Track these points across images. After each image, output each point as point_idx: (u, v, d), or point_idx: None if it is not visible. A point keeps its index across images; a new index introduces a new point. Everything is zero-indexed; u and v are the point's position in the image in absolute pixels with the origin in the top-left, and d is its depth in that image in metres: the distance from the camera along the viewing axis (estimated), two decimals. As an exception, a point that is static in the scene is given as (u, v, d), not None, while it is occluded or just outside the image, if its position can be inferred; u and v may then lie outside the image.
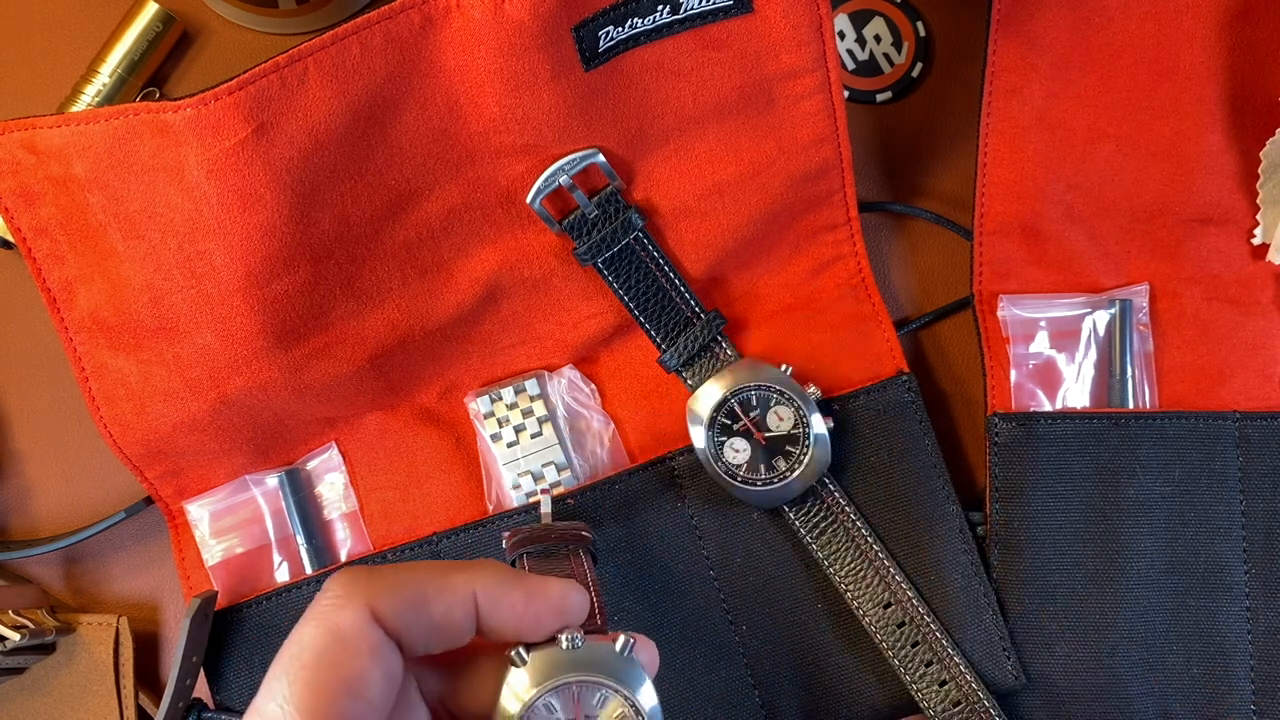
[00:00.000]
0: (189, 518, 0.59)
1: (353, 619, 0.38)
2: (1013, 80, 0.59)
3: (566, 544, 0.48)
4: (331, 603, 0.38)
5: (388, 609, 0.38)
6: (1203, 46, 0.58)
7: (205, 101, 0.49)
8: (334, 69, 0.50)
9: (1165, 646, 0.56)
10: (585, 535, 0.49)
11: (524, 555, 0.48)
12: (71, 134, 0.52)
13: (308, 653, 0.37)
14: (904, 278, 0.63)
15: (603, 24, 0.52)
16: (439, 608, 0.39)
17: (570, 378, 0.60)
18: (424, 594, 0.39)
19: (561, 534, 0.49)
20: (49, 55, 0.64)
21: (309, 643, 0.38)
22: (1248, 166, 0.59)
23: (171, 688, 0.53)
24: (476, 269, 0.56)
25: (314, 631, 0.38)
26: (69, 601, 0.62)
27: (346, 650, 0.37)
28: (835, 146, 0.57)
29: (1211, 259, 0.60)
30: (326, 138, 0.51)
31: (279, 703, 0.37)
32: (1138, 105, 0.59)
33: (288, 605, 0.57)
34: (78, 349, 0.56)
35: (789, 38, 0.54)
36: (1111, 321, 0.59)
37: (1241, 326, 0.59)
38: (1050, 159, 0.59)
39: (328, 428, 0.59)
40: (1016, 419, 0.58)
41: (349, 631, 0.38)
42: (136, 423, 0.56)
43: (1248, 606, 0.57)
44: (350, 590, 0.38)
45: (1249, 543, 0.57)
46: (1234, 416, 0.58)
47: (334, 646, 0.37)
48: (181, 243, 0.52)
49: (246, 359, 0.54)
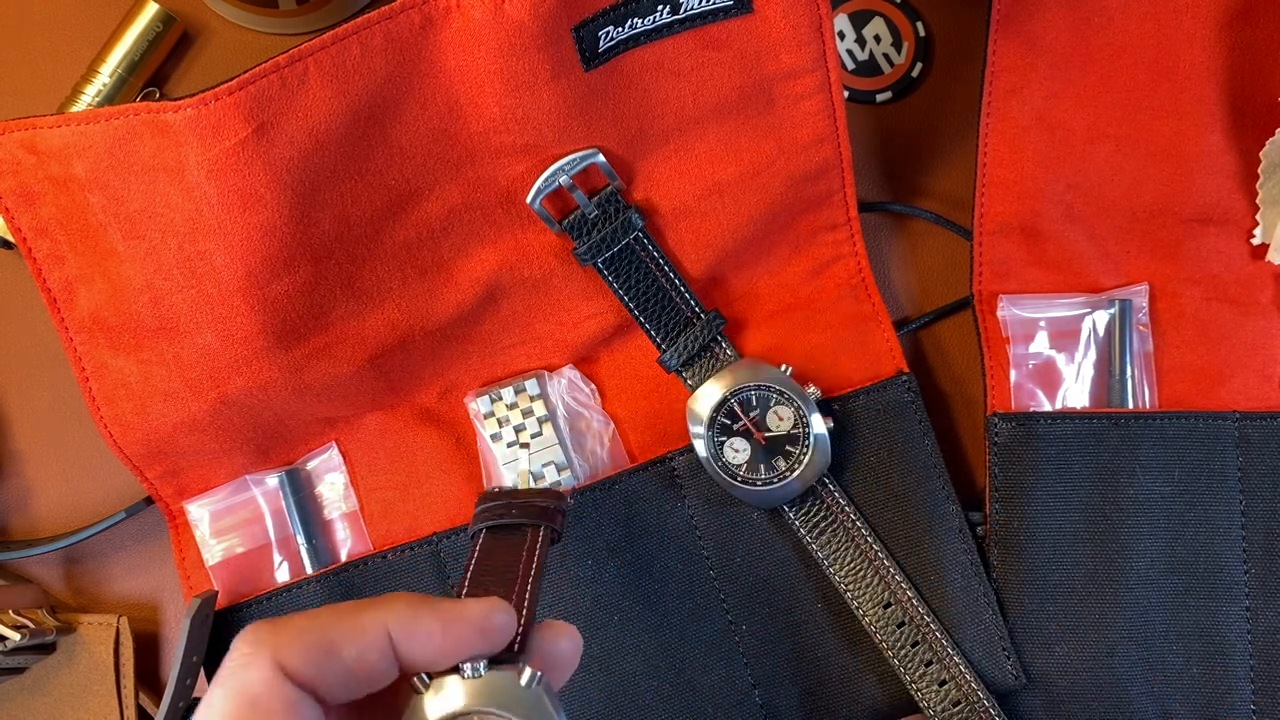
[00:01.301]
0: (189, 518, 0.59)
1: (261, 677, 0.36)
2: (1012, 80, 0.59)
3: (527, 518, 0.46)
4: (238, 662, 0.36)
5: (297, 662, 0.36)
6: (1202, 46, 0.58)
7: (205, 101, 0.49)
8: (334, 69, 0.50)
9: (1165, 646, 0.56)
10: (549, 508, 0.46)
11: (483, 530, 0.47)
12: (72, 134, 0.52)
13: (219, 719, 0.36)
14: (904, 278, 0.63)
15: (603, 24, 0.52)
16: (350, 651, 0.37)
17: (570, 378, 0.60)
18: (331, 640, 0.37)
19: (523, 506, 0.46)
20: (49, 55, 0.64)
21: (219, 708, 0.36)
22: (1247, 166, 0.58)
23: (172, 688, 0.53)
24: (476, 269, 0.56)
25: (223, 695, 0.36)
26: (69, 601, 0.62)
27: (258, 712, 0.35)
28: (835, 146, 0.57)
29: (1211, 259, 0.60)
30: (327, 138, 0.51)
31: None
32: (1137, 105, 0.59)
33: (288, 605, 0.57)
34: (78, 349, 0.56)
35: (789, 38, 0.54)
36: (1111, 321, 0.59)
37: (1241, 327, 0.59)
38: (1050, 159, 0.59)
39: (328, 428, 0.59)
40: (1016, 419, 0.58)
41: (258, 692, 0.35)
42: (137, 423, 0.56)
43: (1248, 606, 0.57)
44: (255, 646, 0.36)
45: (1249, 543, 0.57)
46: (1234, 416, 0.58)
47: (245, 710, 0.35)
48: (182, 243, 0.52)
49: (247, 359, 0.54)
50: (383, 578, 0.57)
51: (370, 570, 0.57)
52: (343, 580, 0.57)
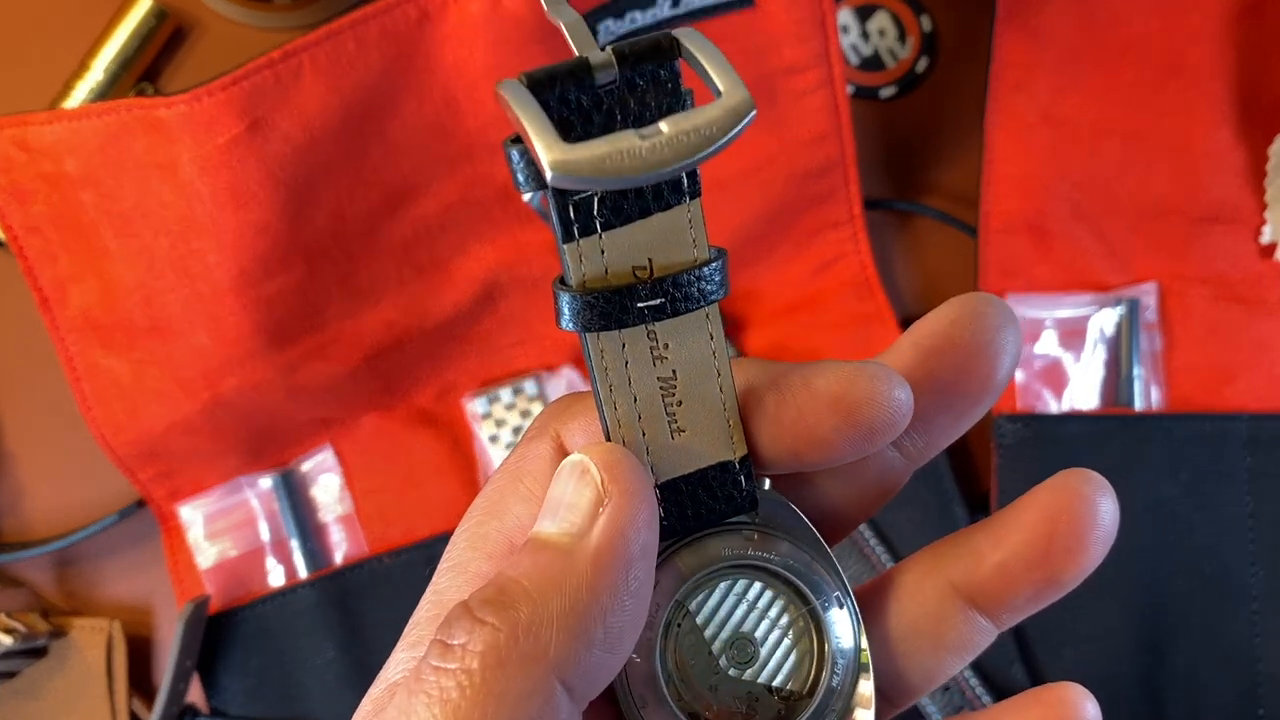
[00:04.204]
0: (182, 520, 0.58)
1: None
2: (1018, 76, 0.59)
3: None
4: None
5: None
6: (1210, 42, 0.58)
7: (198, 97, 0.49)
8: (329, 64, 0.49)
9: (1172, 649, 0.56)
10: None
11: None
12: (64, 130, 0.52)
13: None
14: (908, 276, 0.63)
15: (602, 17, 0.51)
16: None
17: (569, 378, 0.59)
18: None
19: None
20: (41, 51, 0.63)
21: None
22: (1256, 164, 0.58)
23: (165, 692, 0.53)
24: (474, 267, 0.56)
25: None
26: (61, 605, 0.61)
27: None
28: (838, 143, 0.57)
29: (1219, 257, 0.59)
30: (321, 134, 0.50)
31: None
32: (1144, 102, 0.58)
33: (282, 610, 0.57)
34: (69, 349, 0.55)
35: (791, 32, 0.54)
36: (1119, 321, 0.59)
37: (1249, 326, 0.59)
38: (1056, 156, 0.59)
39: (323, 429, 0.59)
40: (1023, 420, 0.57)
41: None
42: (129, 424, 0.55)
43: (1255, 609, 0.56)
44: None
45: (1257, 544, 0.57)
46: (1244, 417, 0.57)
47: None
48: (174, 241, 0.52)
49: (240, 359, 0.54)
50: (379, 581, 0.57)
51: (366, 574, 0.57)
52: (338, 584, 0.57)
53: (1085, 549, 0.27)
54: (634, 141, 0.22)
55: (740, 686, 0.27)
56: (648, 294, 0.25)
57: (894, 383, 0.25)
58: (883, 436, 0.26)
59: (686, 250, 0.25)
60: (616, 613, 0.24)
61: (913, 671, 0.28)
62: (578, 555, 0.24)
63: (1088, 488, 0.27)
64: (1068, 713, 0.27)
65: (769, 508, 0.27)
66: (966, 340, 0.27)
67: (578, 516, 0.25)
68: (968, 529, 0.29)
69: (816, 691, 0.27)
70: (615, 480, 0.25)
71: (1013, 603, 0.28)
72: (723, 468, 0.27)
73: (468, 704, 0.23)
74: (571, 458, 0.26)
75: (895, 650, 0.28)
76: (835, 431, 0.26)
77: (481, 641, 0.24)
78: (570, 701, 0.24)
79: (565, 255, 0.25)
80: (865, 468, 0.28)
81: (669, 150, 0.23)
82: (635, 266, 0.25)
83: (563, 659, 0.24)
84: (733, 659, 0.27)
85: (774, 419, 0.26)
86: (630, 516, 0.24)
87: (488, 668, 0.24)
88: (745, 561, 0.27)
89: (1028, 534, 0.27)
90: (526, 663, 0.24)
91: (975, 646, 0.28)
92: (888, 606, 0.28)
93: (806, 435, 0.26)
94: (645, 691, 0.27)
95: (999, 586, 0.28)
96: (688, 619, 0.27)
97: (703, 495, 0.27)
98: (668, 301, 0.25)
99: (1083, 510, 0.27)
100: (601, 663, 0.24)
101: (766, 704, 0.27)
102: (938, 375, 0.27)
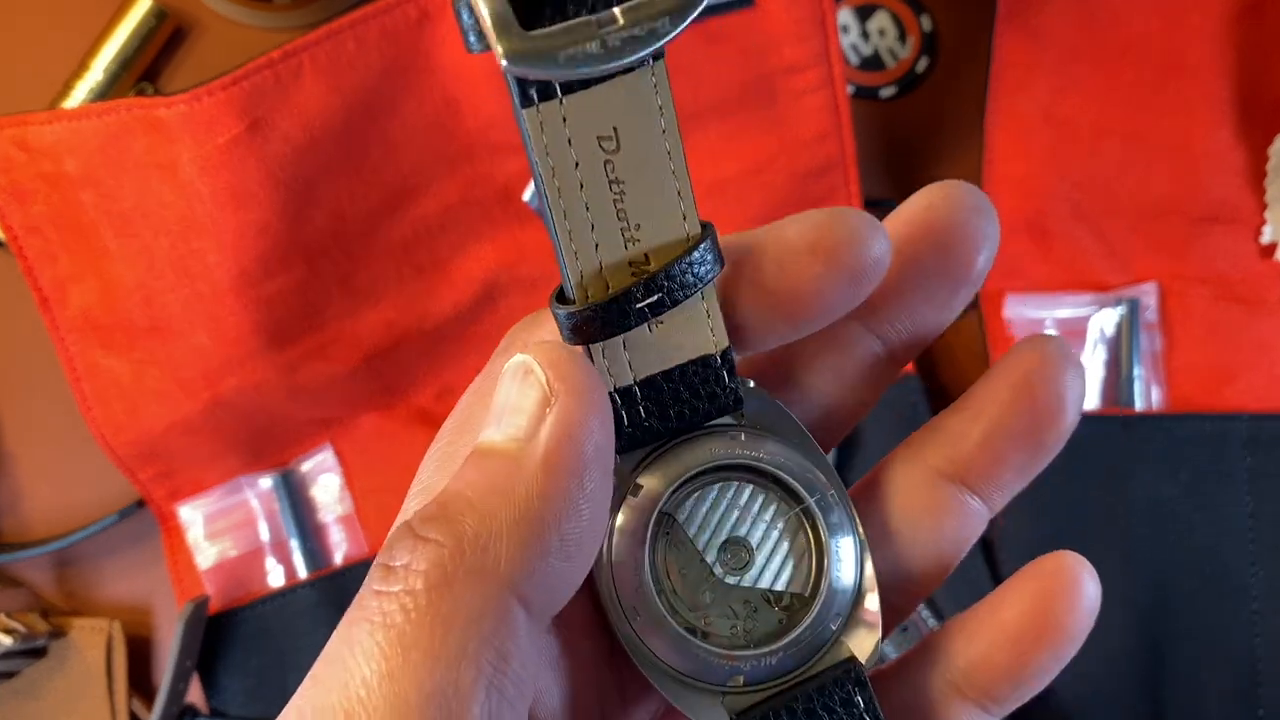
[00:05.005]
0: (181, 520, 0.58)
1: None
2: (1018, 76, 0.59)
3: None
4: None
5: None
6: (1211, 42, 0.57)
7: (198, 97, 0.49)
8: (329, 64, 0.49)
9: (1171, 649, 0.56)
10: None
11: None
12: (63, 130, 0.51)
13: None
14: (908, 276, 0.62)
15: None
16: None
17: (569, 378, 0.59)
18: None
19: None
20: (41, 51, 0.63)
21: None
22: (1256, 164, 0.58)
23: (164, 693, 0.53)
24: (474, 267, 0.56)
25: None
26: (61, 605, 0.61)
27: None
28: (839, 143, 0.57)
29: (1219, 257, 0.59)
30: (321, 134, 0.50)
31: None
32: (1145, 102, 0.58)
33: (282, 610, 0.56)
34: (69, 349, 0.55)
35: (791, 32, 0.54)
36: (1119, 321, 0.59)
37: (1250, 326, 0.59)
38: (1056, 156, 0.59)
39: (323, 429, 0.58)
40: (1023, 420, 0.57)
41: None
42: (129, 424, 0.55)
43: (1255, 609, 0.56)
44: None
45: (1257, 544, 0.57)
46: (1244, 417, 0.57)
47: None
48: (174, 241, 0.52)
49: (240, 359, 0.54)
50: (379, 581, 0.57)
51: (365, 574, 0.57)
52: (337, 584, 0.57)
53: (1063, 407, 0.27)
54: (591, 30, 0.22)
55: (736, 594, 0.26)
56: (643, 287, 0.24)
57: (869, 221, 0.24)
58: (867, 279, 0.25)
59: (653, 119, 0.24)
60: (572, 518, 0.22)
61: (914, 566, 0.27)
62: (525, 460, 0.23)
63: (1049, 347, 0.27)
64: (1065, 581, 0.26)
65: (755, 406, 0.26)
66: (944, 221, 0.26)
67: (523, 419, 0.23)
68: (941, 414, 0.28)
69: (817, 594, 0.26)
70: (562, 378, 0.23)
71: (1001, 477, 0.27)
72: (704, 362, 0.25)
73: (413, 627, 0.22)
74: (515, 359, 0.24)
75: (895, 546, 0.27)
76: (818, 279, 0.24)
77: (425, 560, 0.22)
78: (528, 617, 0.22)
79: (524, 122, 0.23)
80: (848, 359, 0.28)
81: (624, 41, 0.22)
82: (599, 137, 0.24)
83: (516, 572, 0.22)
84: (727, 565, 0.26)
85: (751, 280, 0.25)
86: (580, 415, 0.23)
87: (433, 587, 0.22)
88: (733, 461, 0.26)
89: (1003, 403, 0.27)
90: (475, 578, 0.22)
91: (972, 531, 0.28)
92: (880, 504, 0.28)
93: (788, 290, 0.25)
94: (636, 602, 0.25)
95: (985, 461, 0.27)
96: (676, 527, 0.26)
97: (684, 393, 0.26)
98: (666, 289, 0.24)
99: (1053, 371, 0.26)
100: (559, 572, 0.23)
101: (765, 615, 0.26)
102: (917, 258, 0.26)
